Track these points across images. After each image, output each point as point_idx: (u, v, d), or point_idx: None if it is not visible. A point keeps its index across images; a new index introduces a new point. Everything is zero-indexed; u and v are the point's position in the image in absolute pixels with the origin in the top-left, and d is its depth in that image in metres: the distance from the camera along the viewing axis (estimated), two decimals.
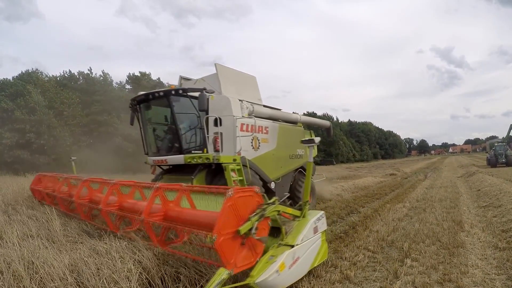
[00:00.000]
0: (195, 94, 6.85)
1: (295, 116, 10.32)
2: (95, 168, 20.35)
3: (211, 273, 3.57)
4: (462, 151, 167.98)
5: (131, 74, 38.49)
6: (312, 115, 55.47)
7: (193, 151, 7.04)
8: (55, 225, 5.30)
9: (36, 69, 32.81)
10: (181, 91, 6.87)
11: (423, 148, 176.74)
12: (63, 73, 34.92)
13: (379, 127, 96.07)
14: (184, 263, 3.95)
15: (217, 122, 6.91)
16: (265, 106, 9.07)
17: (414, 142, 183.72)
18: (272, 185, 8.38)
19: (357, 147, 70.62)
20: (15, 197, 8.91)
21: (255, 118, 7.64)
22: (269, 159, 8.38)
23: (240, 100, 7.65)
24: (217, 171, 6.88)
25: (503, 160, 28.57)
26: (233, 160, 6.80)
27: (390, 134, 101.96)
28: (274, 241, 3.85)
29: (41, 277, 3.36)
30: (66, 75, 34.75)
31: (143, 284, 3.60)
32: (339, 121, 73.32)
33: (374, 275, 4.43)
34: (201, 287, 3.66)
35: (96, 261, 3.68)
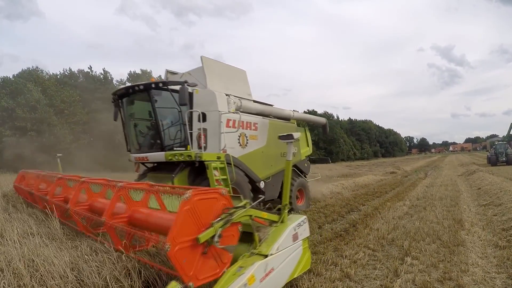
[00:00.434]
0: (176, 87, 6.53)
1: (288, 112, 9.96)
2: (91, 165, 20.35)
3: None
4: (462, 149, 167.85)
5: (132, 72, 38.50)
6: (313, 113, 55.44)
7: (175, 148, 6.73)
8: (54, 223, 5.29)
9: (36, 67, 32.83)
10: (161, 84, 6.56)
11: (423, 146, 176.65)
12: (64, 71, 34.94)
13: (380, 125, 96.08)
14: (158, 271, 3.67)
15: (201, 118, 6.65)
16: (255, 102, 8.77)
17: (415, 141, 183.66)
18: (262, 184, 8.14)
19: (358, 145, 70.55)
20: (15, 195, 8.91)
21: (240, 113, 7.22)
22: (258, 157, 8.09)
23: (227, 95, 7.34)
24: (201, 170, 6.51)
25: (504, 159, 28.54)
26: (217, 158, 6.48)
27: (390, 133, 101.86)
28: (249, 248, 3.43)
29: (41, 275, 3.36)
30: (66, 73, 34.75)
31: (144, 282, 3.60)
32: (340, 119, 73.26)
33: (375, 273, 4.43)
34: None
35: (96, 258, 3.68)
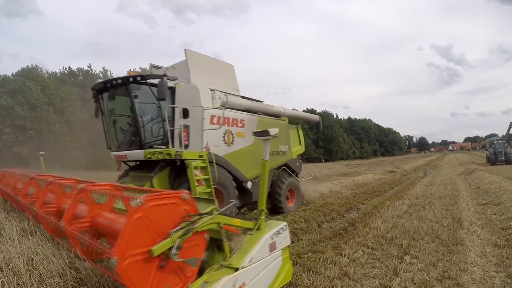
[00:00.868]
0: (156, 81, 6.22)
1: (278, 108, 9.64)
2: (90, 163, 20.34)
3: None
4: (461, 148, 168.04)
5: (131, 69, 38.41)
6: (312, 112, 55.36)
7: (155, 146, 6.41)
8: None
9: (35, 65, 32.76)
10: (139, 78, 6.24)
11: (422, 145, 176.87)
12: (63, 70, 34.88)
13: (379, 124, 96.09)
14: None
15: (184, 114, 6.39)
16: (243, 97, 8.47)
17: (414, 140, 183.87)
18: (249, 184, 7.86)
19: (357, 144, 70.56)
20: None
21: (223, 109, 6.83)
22: (245, 155, 7.75)
23: (212, 90, 7.05)
24: (182, 169, 6.22)
25: (503, 158, 28.61)
26: (198, 157, 6.21)
27: (389, 132, 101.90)
28: (220, 258, 3.02)
29: (40, 274, 3.35)
30: (66, 71, 34.69)
31: None
32: (339, 118, 73.25)
33: (374, 272, 4.43)
34: None
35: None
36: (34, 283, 3.25)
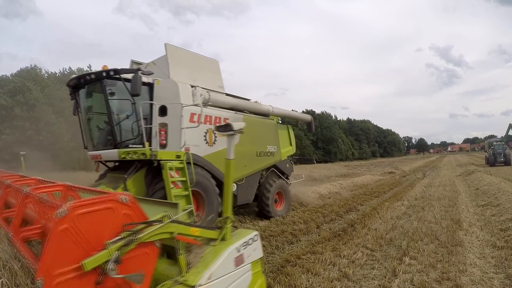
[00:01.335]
0: (130, 76, 5.89)
1: (266, 107, 9.18)
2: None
3: None
4: (461, 150, 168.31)
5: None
6: (311, 113, 55.47)
7: (131, 146, 6.06)
8: None
9: (35, 66, 32.73)
10: (112, 73, 5.88)
11: (421, 146, 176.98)
12: (63, 70, 34.85)
13: (378, 125, 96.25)
14: None
15: (162, 111, 6.14)
16: (228, 95, 8.04)
17: (413, 141, 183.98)
18: (233, 187, 7.47)
19: (356, 145, 70.62)
20: None
21: (202, 106, 6.37)
22: None
23: (193, 86, 6.70)
24: (160, 170, 5.85)
25: (502, 159, 28.62)
26: (176, 157, 5.86)
27: (388, 133, 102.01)
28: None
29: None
30: (65, 72, 34.65)
31: None
32: (338, 119, 73.32)
33: (373, 273, 4.43)
34: None
35: None
36: (31, 284, 3.23)
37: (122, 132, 6.12)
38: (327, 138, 54.20)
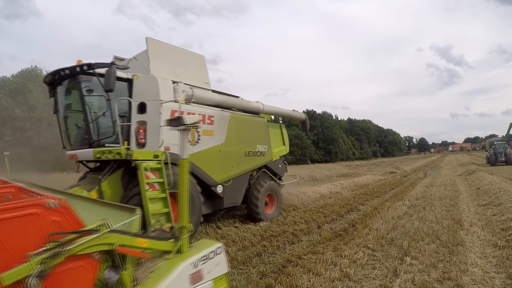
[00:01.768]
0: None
1: (257, 105, 8.75)
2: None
3: None
4: (461, 149, 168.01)
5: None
6: (312, 113, 55.43)
7: (107, 145, 5.75)
8: None
9: (35, 67, 32.79)
10: (85, 67, 5.60)
11: (422, 146, 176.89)
12: None
13: (379, 125, 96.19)
14: None
15: (141, 108, 5.88)
16: (214, 92, 7.70)
17: (414, 140, 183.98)
18: (219, 189, 7.14)
19: (357, 145, 70.58)
20: None
21: (181, 103, 6.13)
22: (213, 156, 7.01)
23: (175, 82, 6.43)
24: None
25: (503, 159, 28.59)
26: (153, 157, 5.53)
27: (389, 132, 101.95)
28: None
29: None
30: None
31: None
32: (339, 119, 73.29)
33: (374, 273, 4.43)
34: None
35: None
36: None
37: (97, 130, 5.87)
38: (328, 138, 54.18)
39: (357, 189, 14.88)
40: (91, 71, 5.61)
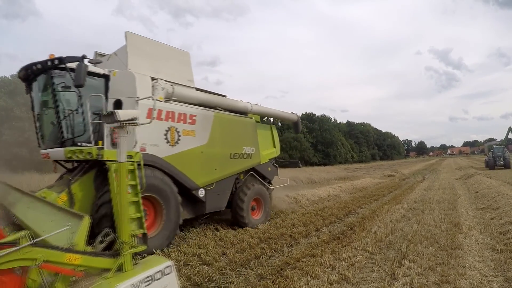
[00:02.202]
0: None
1: (244, 104, 8.33)
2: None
3: None
4: (460, 153, 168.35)
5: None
6: (310, 116, 55.49)
7: (80, 143, 5.46)
8: None
9: None
10: (56, 62, 5.32)
11: (421, 149, 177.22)
12: None
13: (378, 128, 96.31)
14: None
15: (116, 106, 5.58)
16: (198, 90, 7.34)
17: (413, 144, 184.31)
18: (201, 193, 6.77)
19: (356, 148, 70.64)
20: None
21: (156, 100, 5.65)
22: (195, 158, 6.62)
23: (155, 79, 6.13)
24: None
25: (501, 162, 28.69)
26: (127, 157, 5.51)
27: (388, 135, 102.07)
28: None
29: None
30: None
31: None
32: (338, 122, 73.39)
33: (372, 276, 4.42)
34: None
35: None
36: None
37: (69, 128, 5.59)
38: (326, 141, 54.19)
39: (355, 192, 14.89)
40: (63, 65, 5.35)
